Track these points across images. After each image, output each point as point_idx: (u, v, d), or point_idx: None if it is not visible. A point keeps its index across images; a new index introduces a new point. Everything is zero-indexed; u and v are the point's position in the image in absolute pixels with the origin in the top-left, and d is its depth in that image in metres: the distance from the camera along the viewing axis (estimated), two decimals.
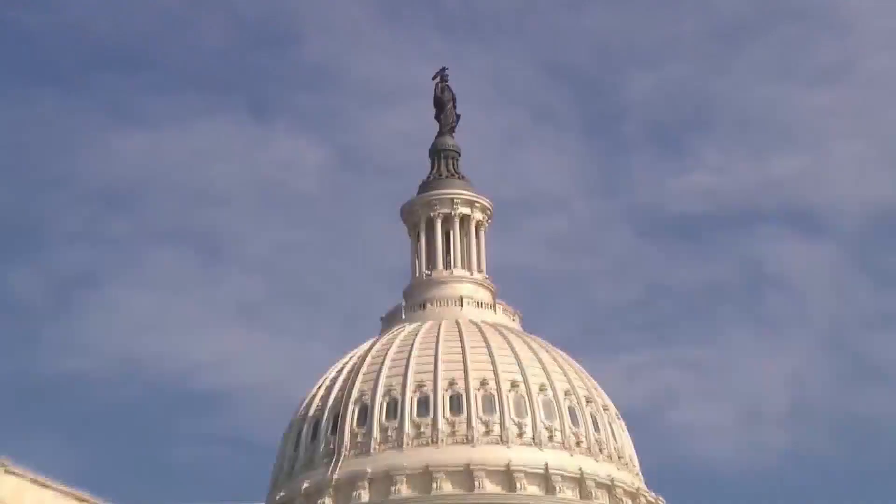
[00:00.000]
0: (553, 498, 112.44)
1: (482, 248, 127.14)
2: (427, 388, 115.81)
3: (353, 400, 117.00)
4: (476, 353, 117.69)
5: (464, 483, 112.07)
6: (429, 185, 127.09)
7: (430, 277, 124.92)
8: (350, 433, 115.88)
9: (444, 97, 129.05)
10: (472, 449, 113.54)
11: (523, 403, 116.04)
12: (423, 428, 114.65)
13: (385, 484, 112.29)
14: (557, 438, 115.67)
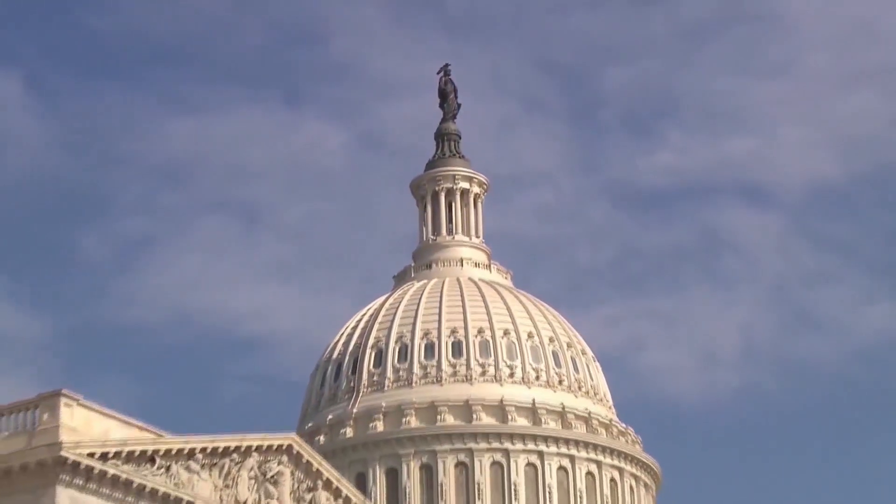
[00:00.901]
0: (539, 428, 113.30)
1: (479, 217, 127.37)
2: (432, 336, 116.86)
3: (370, 346, 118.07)
4: (474, 306, 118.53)
5: (464, 416, 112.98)
6: (434, 163, 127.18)
7: (435, 242, 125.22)
8: (367, 374, 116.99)
9: (447, 89, 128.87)
10: (470, 387, 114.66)
11: (514, 349, 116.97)
12: (429, 369, 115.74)
13: (397, 416, 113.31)
14: (543, 378, 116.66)
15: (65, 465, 50.38)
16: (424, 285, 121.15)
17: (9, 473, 50.48)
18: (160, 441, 54.69)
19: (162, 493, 53.59)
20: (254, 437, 59.07)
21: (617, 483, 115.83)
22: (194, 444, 55.91)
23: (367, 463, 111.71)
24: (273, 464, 59.29)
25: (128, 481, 52.48)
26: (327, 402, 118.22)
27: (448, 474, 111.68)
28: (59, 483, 50.43)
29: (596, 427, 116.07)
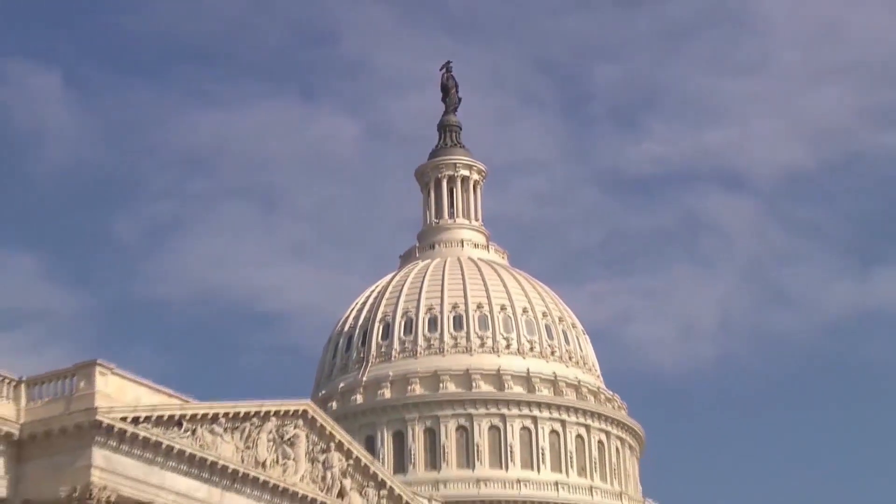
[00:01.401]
0: (533, 395, 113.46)
1: (478, 202, 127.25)
2: (435, 311, 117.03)
3: (378, 320, 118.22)
4: (473, 284, 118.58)
5: (464, 384, 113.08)
6: (437, 152, 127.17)
7: (438, 224, 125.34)
8: (376, 345, 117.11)
9: (448, 84, 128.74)
10: (470, 357, 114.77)
11: (510, 322, 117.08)
12: (432, 341, 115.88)
13: (403, 384, 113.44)
14: (536, 349, 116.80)
15: (100, 429, 50.56)
16: (428, 264, 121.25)
17: (49, 436, 50.66)
18: (186, 406, 54.86)
19: (188, 454, 53.77)
20: (272, 403, 59.25)
21: (604, 445, 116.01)
22: (218, 409, 56.11)
23: (376, 427, 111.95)
24: (290, 427, 59.39)
25: (157, 443, 52.65)
26: (339, 372, 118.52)
27: (449, 437, 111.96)
28: (95, 444, 50.63)
29: (585, 394, 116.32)
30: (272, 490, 57.39)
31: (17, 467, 50.84)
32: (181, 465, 53.84)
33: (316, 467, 60.50)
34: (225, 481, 55.53)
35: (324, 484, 60.46)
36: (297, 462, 59.43)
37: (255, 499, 56.96)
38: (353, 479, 62.22)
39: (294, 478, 58.73)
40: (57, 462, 50.68)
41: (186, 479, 54.07)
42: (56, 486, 50.34)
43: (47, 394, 52.06)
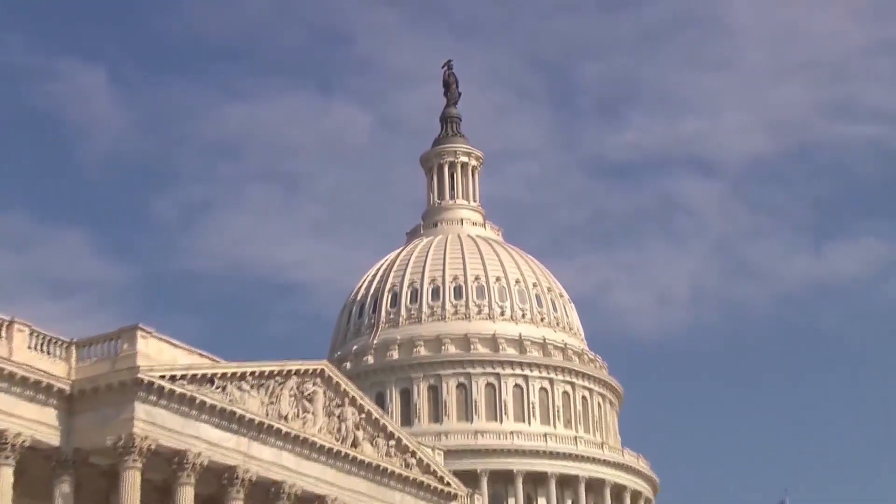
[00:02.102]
0: (524, 356, 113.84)
1: (476, 185, 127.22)
2: (438, 282, 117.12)
3: (387, 290, 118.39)
4: (472, 257, 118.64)
5: (463, 346, 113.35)
6: (439, 141, 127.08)
7: (440, 205, 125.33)
8: (385, 312, 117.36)
9: (450, 80, 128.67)
10: (468, 323, 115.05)
11: (504, 292, 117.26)
12: (435, 309, 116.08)
13: (409, 347, 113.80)
14: (528, 316, 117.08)
15: (141, 385, 50.65)
16: (431, 240, 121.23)
17: (96, 392, 50.75)
18: (217, 366, 54.90)
19: (219, 408, 53.76)
20: (293, 363, 59.18)
21: (587, 401, 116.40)
22: (245, 368, 56.14)
23: (385, 384, 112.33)
24: (309, 385, 59.31)
25: (192, 398, 52.68)
26: (352, 336, 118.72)
27: (450, 394, 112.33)
28: (137, 399, 50.70)
29: (570, 356, 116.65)
30: (293, 440, 57.35)
31: (68, 420, 50.83)
32: (213, 418, 53.79)
33: (332, 420, 60.36)
34: (252, 432, 55.49)
35: (339, 435, 60.37)
36: (316, 415, 59.32)
37: (278, 448, 56.89)
38: (364, 431, 62.16)
39: (313, 429, 58.66)
40: (103, 415, 50.69)
41: (218, 430, 54.00)
42: (103, 436, 50.43)
43: (95, 354, 52.01)
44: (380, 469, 62.08)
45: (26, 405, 49.48)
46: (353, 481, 60.75)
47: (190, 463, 52.40)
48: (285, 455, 57.19)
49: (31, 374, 49.44)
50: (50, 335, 51.37)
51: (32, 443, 49.35)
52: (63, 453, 50.53)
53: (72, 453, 50.66)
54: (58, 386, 50.48)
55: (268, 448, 56.33)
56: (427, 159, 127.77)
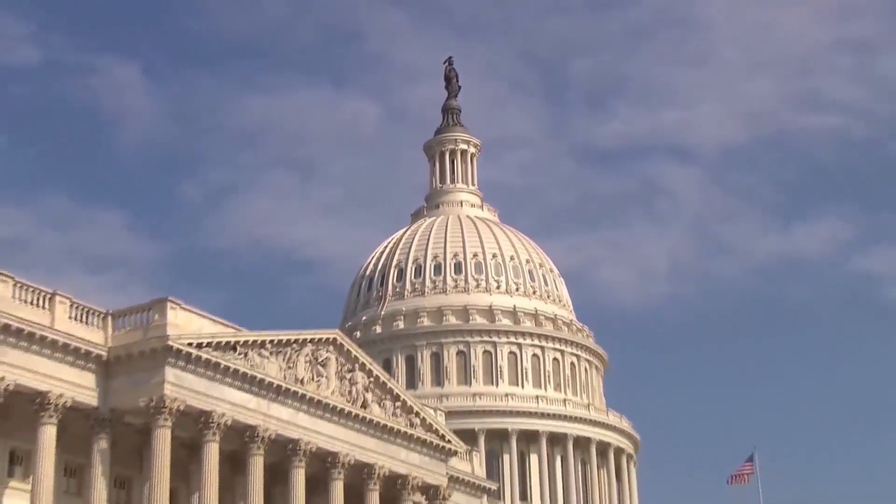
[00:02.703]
0: (518, 326, 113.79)
1: (475, 171, 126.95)
2: (439, 258, 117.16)
3: (394, 265, 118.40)
4: (470, 236, 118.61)
5: (462, 317, 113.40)
6: (441, 130, 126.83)
7: (442, 189, 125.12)
8: (391, 286, 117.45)
9: (451, 75, 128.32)
10: (467, 296, 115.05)
11: (500, 268, 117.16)
12: (437, 283, 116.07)
13: (413, 318, 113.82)
14: (521, 290, 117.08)
15: (171, 352, 50.88)
16: (433, 221, 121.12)
17: (130, 357, 50.95)
18: (240, 334, 54.97)
19: (241, 372, 53.95)
20: (308, 332, 59.26)
21: (575, 366, 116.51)
22: (264, 336, 56.22)
23: (391, 352, 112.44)
24: (322, 351, 59.37)
25: (216, 363, 52.87)
26: (362, 307, 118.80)
27: (451, 360, 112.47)
28: (167, 365, 50.96)
29: (560, 325, 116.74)
30: (308, 402, 57.44)
31: (105, 383, 51.03)
32: (235, 382, 53.91)
33: (343, 384, 60.38)
34: (270, 394, 55.60)
35: (350, 397, 60.44)
36: (329, 379, 59.39)
37: (294, 409, 56.96)
38: (373, 394, 62.16)
39: (326, 392, 58.77)
40: (137, 379, 50.89)
41: (240, 392, 54.13)
42: (136, 398, 50.64)
43: (129, 324, 52.16)
44: (387, 428, 62.09)
45: (67, 369, 49.71)
46: (363, 439, 60.77)
47: (215, 422, 52.55)
48: (301, 415, 57.23)
49: (71, 341, 49.66)
50: (88, 306, 51.53)
51: (73, 404, 49.55)
52: (100, 413, 50.71)
53: (108, 413, 50.83)
54: (95, 352, 50.69)
55: (285, 409, 56.39)
56: (429, 147, 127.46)
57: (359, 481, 60.55)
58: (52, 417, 48.63)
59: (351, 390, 60.65)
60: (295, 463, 56.55)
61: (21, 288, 48.76)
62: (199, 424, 52.37)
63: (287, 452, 56.47)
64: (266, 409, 55.33)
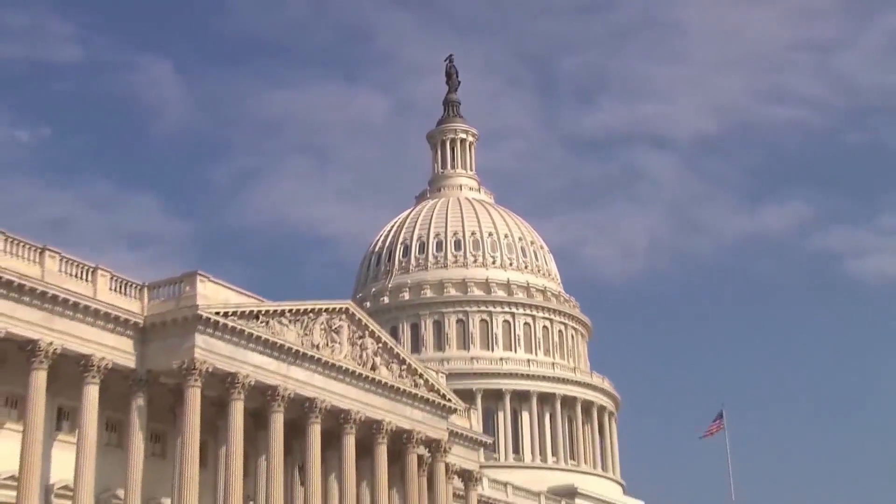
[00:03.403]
0: (511, 297, 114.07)
1: (473, 157, 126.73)
2: (441, 236, 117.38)
3: (400, 242, 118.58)
4: (469, 216, 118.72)
5: (461, 289, 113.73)
6: (442, 121, 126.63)
7: (443, 174, 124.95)
8: (398, 261, 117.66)
9: (451, 71, 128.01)
10: (466, 270, 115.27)
11: (495, 245, 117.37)
12: (438, 258, 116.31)
13: (417, 290, 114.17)
14: (514, 265, 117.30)
15: (200, 320, 51.06)
16: (436, 203, 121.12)
17: (164, 325, 51.15)
18: (262, 305, 55.06)
19: (263, 338, 54.10)
20: (323, 302, 59.32)
21: (562, 333, 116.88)
22: (284, 306, 56.27)
23: (398, 320, 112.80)
24: (336, 320, 59.36)
25: (241, 331, 53.04)
26: (371, 280, 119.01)
27: (451, 328, 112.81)
28: (197, 331, 51.15)
29: (549, 296, 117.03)
30: (323, 364, 57.61)
31: (141, 347, 51.21)
32: (258, 347, 54.06)
33: (355, 349, 60.44)
34: (289, 358, 55.78)
35: (360, 361, 60.54)
36: (341, 345, 59.47)
37: (310, 371, 57.08)
38: (381, 357, 62.24)
39: (339, 356, 58.93)
40: (170, 344, 51.05)
41: (262, 356, 54.31)
42: (170, 360, 50.87)
43: (163, 295, 52.24)
44: (393, 388, 62.29)
45: (108, 335, 49.94)
46: (372, 398, 60.94)
47: (240, 382, 52.81)
48: (317, 376, 57.40)
49: (111, 310, 49.88)
50: (127, 279, 51.69)
51: (113, 366, 49.81)
52: (138, 374, 50.96)
53: (145, 374, 51.08)
54: (133, 320, 50.88)
55: (302, 371, 56.56)
56: (432, 136, 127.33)
57: (368, 436, 60.84)
58: (95, 378, 48.92)
59: (361, 354, 60.75)
60: (311, 419, 56.75)
61: (67, 262, 48.99)
62: (225, 384, 52.61)
63: (304, 410, 56.66)
64: (285, 371, 55.53)
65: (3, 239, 46.43)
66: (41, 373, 46.55)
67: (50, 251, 48.14)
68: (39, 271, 47.29)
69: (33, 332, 46.61)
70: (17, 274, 46.00)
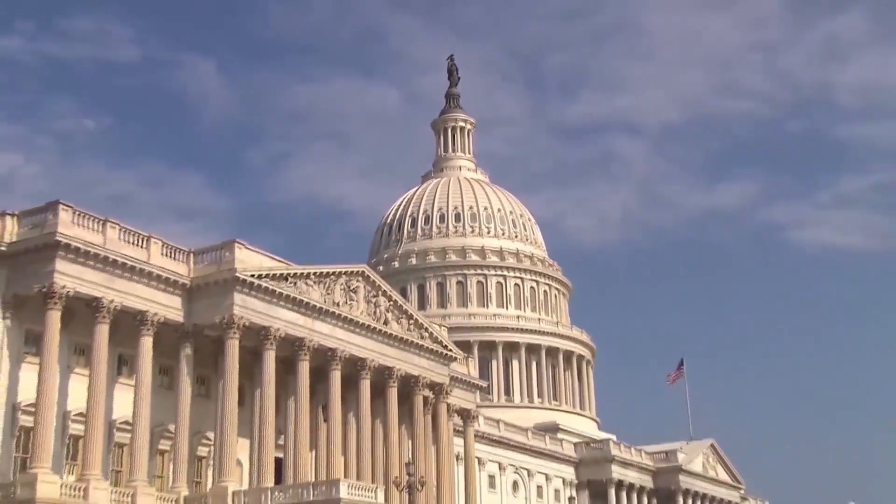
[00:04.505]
0: (503, 262, 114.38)
1: (471, 143, 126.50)
2: (443, 210, 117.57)
3: (408, 215, 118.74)
4: (467, 193, 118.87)
5: (461, 255, 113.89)
6: (444, 112, 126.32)
7: (445, 156, 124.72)
8: (406, 231, 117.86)
9: (452, 68, 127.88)
10: (465, 239, 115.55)
11: (490, 217, 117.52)
12: (441, 229, 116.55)
13: (423, 256, 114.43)
14: (506, 234, 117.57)
15: (238, 281, 51.32)
16: (438, 181, 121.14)
17: (207, 285, 51.34)
18: (291, 268, 55.12)
19: (291, 297, 54.25)
20: (343, 266, 59.39)
21: (547, 293, 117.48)
22: (309, 270, 56.41)
23: (406, 282, 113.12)
24: (354, 281, 59.50)
25: (272, 290, 53.17)
26: (384, 248, 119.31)
27: (452, 288, 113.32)
28: (235, 291, 51.40)
29: (536, 261, 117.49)
30: (343, 319, 57.75)
31: (188, 305, 51.40)
32: (287, 304, 54.19)
33: (370, 306, 60.55)
34: (314, 314, 55.94)
35: (375, 316, 60.73)
36: (358, 303, 59.53)
37: (332, 325, 57.14)
38: (392, 314, 62.40)
39: (356, 312, 59.04)
40: (212, 301, 51.25)
41: (291, 312, 54.44)
42: (212, 316, 51.12)
43: (206, 260, 52.36)
44: (403, 340, 62.56)
45: (160, 294, 50.20)
46: (385, 348, 61.20)
47: (272, 335, 53.06)
48: (337, 330, 57.61)
49: (163, 273, 50.16)
50: (176, 246, 51.84)
51: (164, 320, 50.09)
52: (185, 327, 51.19)
53: (191, 327, 51.33)
54: (181, 281, 51.12)
55: (325, 325, 56.74)
56: (436, 124, 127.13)
57: (381, 380, 61.22)
58: (149, 330, 49.24)
59: (375, 311, 60.92)
60: (332, 366, 57.12)
61: (125, 232, 49.23)
62: (259, 336, 52.88)
63: (326, 358, 56.98)
64: (311, 325, 55.76)
65: (72, 212, 46.76)
66: (104, 326, 46.98)
67: (111, 222, 48.42)
68: (102, 239, 47.57)
69: (97, 292, 47.00)
70: (83, 242, 46.39)
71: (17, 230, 46.67)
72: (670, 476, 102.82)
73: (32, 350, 45.84)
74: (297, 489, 49.15)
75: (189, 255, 52.20)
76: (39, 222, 46.26)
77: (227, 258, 51.76)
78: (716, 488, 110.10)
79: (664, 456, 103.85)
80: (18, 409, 45.14)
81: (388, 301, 62.17)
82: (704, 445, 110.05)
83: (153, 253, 50.07)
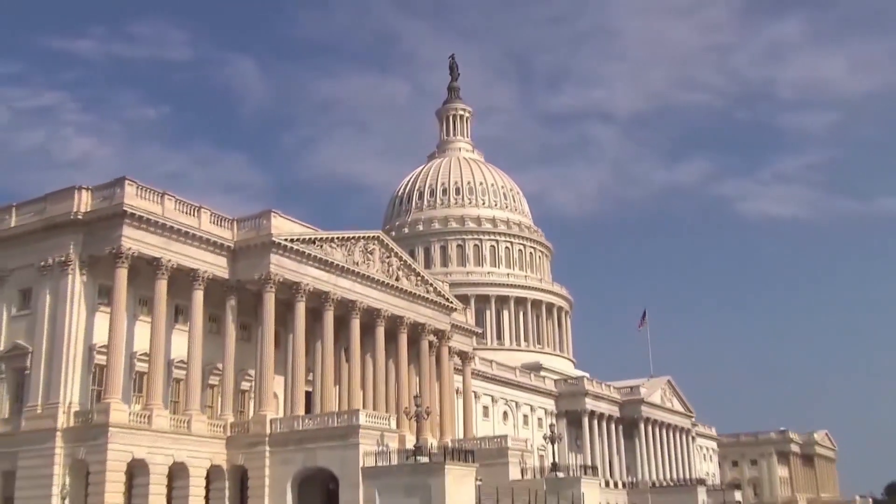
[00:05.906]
0: (496, 229, 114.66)
1: (469, 128, 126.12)
2: (446, 184, 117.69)
3: (416, 188, 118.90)
4: (465, 170, 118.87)
5: (460, 223, 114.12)
6: (447, 102, 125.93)
7: (447, 140, 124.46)
8: (415, 202, 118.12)
9: (453, 65, 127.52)
10: (463, 209, 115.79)
11: (485, 191, 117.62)
12: (443, 200, 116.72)
13: (428, 223, 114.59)
14: (498, 205, 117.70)
15: (273, 244, 51.43)
16: (441, 161, 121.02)
17: (248, 248, 51.30)
18: (317, 234, 55.09)
19: (318, 257, 54.33)
20: (361, 231, 59.44)
21: (532, 255, 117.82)
22: (333, 235, 56.50)
23: (415, 245, 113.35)
24: (370, 245, 59.52)
25: (302, 252, 53.31)
26: (396, 216, 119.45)
27: (453, 251, 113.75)
28: (271, 253, 51.47)
29: (523, 228, 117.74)
30: (361, 276, 57.88)
31: (232, 264, 51.52)
32: (315, 264, 54.33)
33: (384, 265, 60.62)
34: (337, 272, 56.09)
35: (388, 274, 60.81)
36: (374, 263, 59.62)
37: (352, 281, 57.21)
38: (403, 272, 62.48)
39: (373, 270, 59.16)
40: (253, 262, 51.41)
41: (318, 270, 54.58)
42: (252, 273, 51.34)
43: (247, 226, 52.38)
44: (412, 293, 62.80)
45: (209, 255, 50.45)
46: (396, 300, 61.44)
47: (302, 289, 53.36)
48: (357, 285, 57.82)
49: (211, 237, 50.38)
50: (222, 215, 51.92)
51: (213, 276, 50.42)
52: (230, 283, 51.46)
53: (235, 283, 51.58)
54: (226, 244, 51.30)
55: (347, 281, 56.95)
56: (439, 113, 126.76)
57: (393, 327, 61.62)
58: (200, 285, 49.61)
59: (388, 269, 61.09)
60: (353, 316, 57.49)
61: (180, 203, 49.46)
62: (291, 290, 53.16)
63: (348, 309, 57.30)
64: (335, 281, 56.01)
65: (136, 187, 47.10)
66: (163, 281, 47.49)
67: (168, 195, 48.66)
68: (161, 209, 47.88)
69: (157, 253, 47.43)
70: (145, 211, 46.86)
71: (91, 202, 47.14)
72: (634, 407, 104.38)
73: (104, 301, 46.51)
74: (324, 417, 49.85)
75: (233, 222, 52.30)
76: (109, 195, 46.66)
77: (265, 225, 51.88)
78: (672, 417, 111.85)
79: (629, 390, 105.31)
80: (94, 350, 45.94)
81: (399, 261, 62.36)
82: (662, 381, 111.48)
83: (203, 220, 50.27)
